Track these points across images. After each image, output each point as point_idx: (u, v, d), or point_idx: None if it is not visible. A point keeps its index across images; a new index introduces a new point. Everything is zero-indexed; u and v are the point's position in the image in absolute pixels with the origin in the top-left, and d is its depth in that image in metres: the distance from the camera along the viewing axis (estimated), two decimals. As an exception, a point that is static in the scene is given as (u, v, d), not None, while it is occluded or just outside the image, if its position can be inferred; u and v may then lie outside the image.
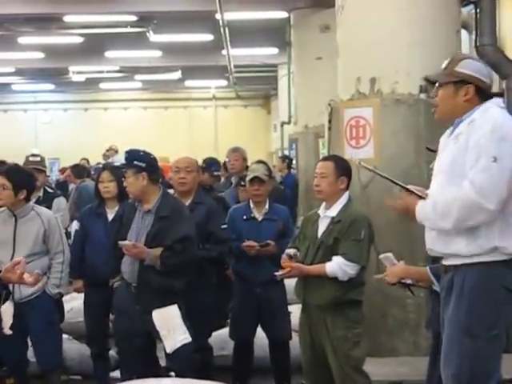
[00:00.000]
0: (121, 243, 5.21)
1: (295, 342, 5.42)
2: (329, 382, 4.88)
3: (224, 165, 9.39)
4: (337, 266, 4.80)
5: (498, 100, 3.74)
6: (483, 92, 3.70)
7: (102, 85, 25.43)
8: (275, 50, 18.51)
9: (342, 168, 4.98)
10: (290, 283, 5.41)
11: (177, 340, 5.19)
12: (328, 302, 4.83)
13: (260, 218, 6.03)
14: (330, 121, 7.13)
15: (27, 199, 5.71)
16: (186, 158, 6.02)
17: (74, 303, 7.21)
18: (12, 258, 5.51)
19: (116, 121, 27.32)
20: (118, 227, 5.45)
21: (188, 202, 5.78)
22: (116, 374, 6.01)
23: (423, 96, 6.37)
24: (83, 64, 20.95)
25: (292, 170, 13.99)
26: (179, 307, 5.22)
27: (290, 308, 6.08)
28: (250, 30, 15.79)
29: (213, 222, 5.79)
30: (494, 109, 3.66)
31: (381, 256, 4.28)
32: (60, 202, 7.74)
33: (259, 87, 25.76)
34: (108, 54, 19.49)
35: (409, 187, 3.85)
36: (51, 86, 25.75)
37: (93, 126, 27.01)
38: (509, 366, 4.30)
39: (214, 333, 6.12)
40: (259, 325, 6.02)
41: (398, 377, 5.92)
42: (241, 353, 6.10)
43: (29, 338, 5.75)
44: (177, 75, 22.43)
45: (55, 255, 5.71)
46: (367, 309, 5.19)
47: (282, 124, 16.97)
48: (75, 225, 6.41)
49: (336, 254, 4.82)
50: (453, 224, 3.55)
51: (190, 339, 5.21)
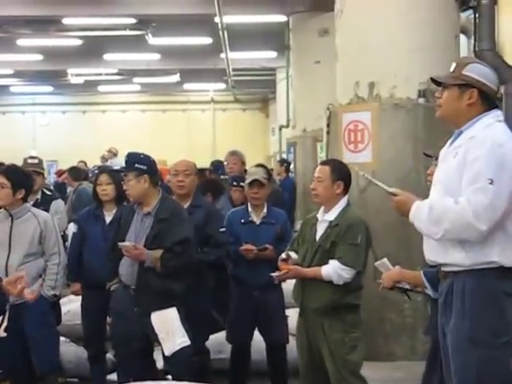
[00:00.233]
0: (121, 244, 5.20)
1: (292, 346, 5.42)
2: (326, 386, 4.87)
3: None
4: (332, 270, 4.80)
5: (498, 113, 3.70)
6: (487, 97, 3.65)
7: (101, 87, 25.43)
8: (274, 54, 18.51)
9: (339, 172, 4.96)
10: (288, 287, 5.41)
11: (175, 343, 5.17)
12: (325, 306, 4.82)
13: (258, 222, 6.02)
14: (329, 125, 7.14)
15: (25, 199, 5.70)
16: (185, 161, 6.01)
17: (72, 306, 7.18)
18: (8, 259, 5.52)
19: (114, 123, 27.25)
20: (117, 230, 5.45)
21: (186, 205, 5.77)
22: (113, 377, 6.00)
23: (422, 101, 6.38)
24: (82, 66, 20.95)
25: (290, 174, 14.00)
26: (178, 310, 5.22)
27: (288, 312, 6.06)
28: (249, 34, 15.79)
29: (211, 225, 5.78)
30: (495, 126, 3.60)
31: (376, 263, 4.27)
32: (58, 205, 7.72)
33: (257, 91, 25.78)
34: (107, 57, 19.49)
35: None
36: (49, 88, 25.75)
37: (91, 129, 26.96)
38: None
39: (212, 336, 6.11)
40: (256, 328, 6.01)
41: (395, 381, 5.92)
42: (238, 356, 6.09)
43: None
44: (175, 78, 22.43)
45: (51, 257, 5.68)
46: (364, 313, 5.19)
47: (281, 128, 16.96)
48: (72, 227, 6.40)
49: (333, 258, 4.82)
50: (442, 233, 3.52)
51: (189, 342, 5.19)
